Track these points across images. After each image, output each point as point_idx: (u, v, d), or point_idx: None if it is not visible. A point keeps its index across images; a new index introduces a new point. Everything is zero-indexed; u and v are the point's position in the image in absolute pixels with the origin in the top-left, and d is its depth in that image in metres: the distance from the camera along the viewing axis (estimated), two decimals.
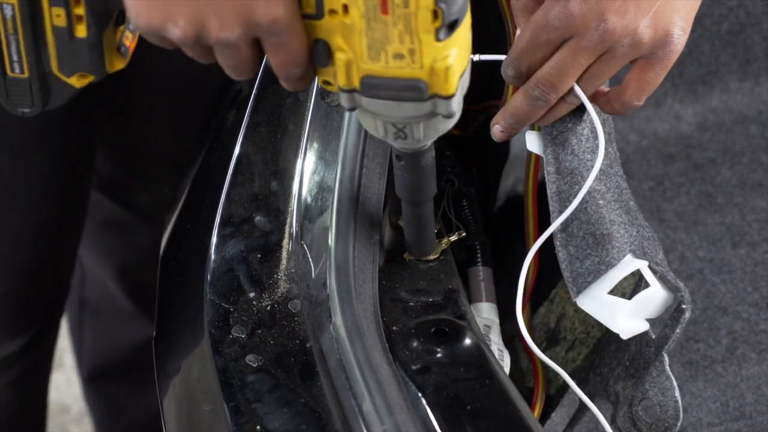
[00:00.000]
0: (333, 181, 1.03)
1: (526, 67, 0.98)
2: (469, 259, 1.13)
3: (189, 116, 1.35)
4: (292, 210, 1.05)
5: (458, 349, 0.97)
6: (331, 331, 0.96)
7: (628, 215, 1.02)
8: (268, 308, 1.01)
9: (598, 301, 0.99)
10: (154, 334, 1.09)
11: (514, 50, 0.98)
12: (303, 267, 1.02)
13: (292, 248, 1.04)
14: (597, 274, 0.98)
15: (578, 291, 0.99)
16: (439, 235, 1.06)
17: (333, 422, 0.93)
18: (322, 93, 1.08)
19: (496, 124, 1.02)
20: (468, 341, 0.97)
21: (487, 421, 0.94)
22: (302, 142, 1.08)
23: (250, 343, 0.98)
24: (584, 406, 1.02)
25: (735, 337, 1.38)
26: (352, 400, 0.92)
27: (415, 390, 0.94)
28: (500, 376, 0.96)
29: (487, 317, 1.09)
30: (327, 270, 0.98)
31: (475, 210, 1.16)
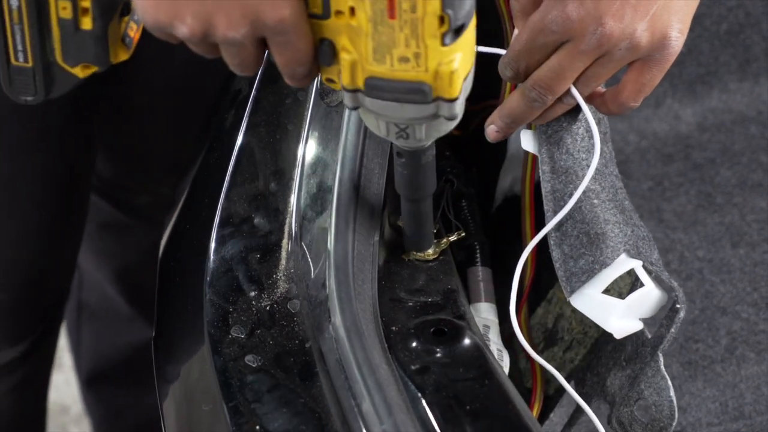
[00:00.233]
0: (332, 181, 1.03)
1: (524, 68, 0.98)
2: (468, 259, 1.13)
3: (189, 116, 1.35)
4: (292, 210, 1.05)
5: (457, 349, 0.97)
6: (331, 331, 0.96)
7: (623, 215, 1.02)
8: (268, 308, 1.01)
9: (591, 301, 0.99)
10: (153, 335, 1.09)
11: (512, 51, 0.98)
12: (302, 267, 1.02)
13: (292, 248, 1.04)
14: (591, 273, 0.98)
15: (572, 290, 0.99)
16: (438, 236, 1.06)
17: (332, 422, 0.93)
18: (321, 93, 1.08)
19: (492, 124, 1.02)
20: (467, 341, 0.97)
21: (487, 421, 0.94)
22: (302, 142, 1.08)
23: (249, 344, 0.98)
24: (581, 407, 1.02)
25: (734, 337, 1.38)
26: (351, 400, 0.92)
27: (414, 390, 0.94)
28: (499, 376, 0.96)
29: (487, 317, 1.09)
30: (326, 270, 0.98)
31: (474, 210, 1.16)
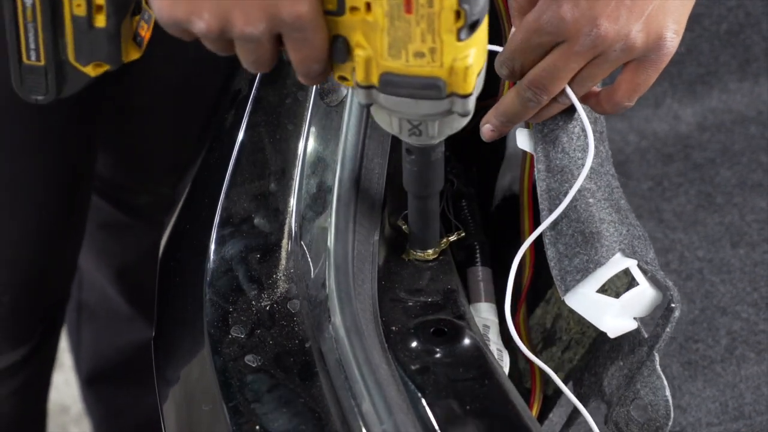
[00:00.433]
0: (332, 181, 1.03)
1: (519, 67, 0.98)
2: (468, 259, 1.13)
3: (189, 116, 1.35)
4: (292, 210, 1.05)
5: (457, 349, 0.97)
6: (331, 331, 0.96)
7: (618, 214, 1.02)
8: (268, 308, 1.01)
9: (586, 300, 0.99)
10: (153, 335, 1.09)
11: (508, 50, 0.98)
12: (302, 267, 1.02)
13: (292, 248, 1.04)
14: (585, 272, 0.98)
15: (566, 289, 0.99)
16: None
17: (332, 422, 0.93)
18: (321, 93, 1.08)
19: (487, 123, 1.02)
20: (467, 341, 0.97)
21: (486, 421, 0.94)
22: (302, 142, 1.08)
23: (249, 343, 0.98)
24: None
25: (734, 337, 1.38)
26: (351, 400, 0.92)
27: (414, 390, 0.94)
28: (499, 376, 0.96)
29: (486, 317, 1.09)
30: (326, 270, 0.98)
31: (474, 210, 1.16)
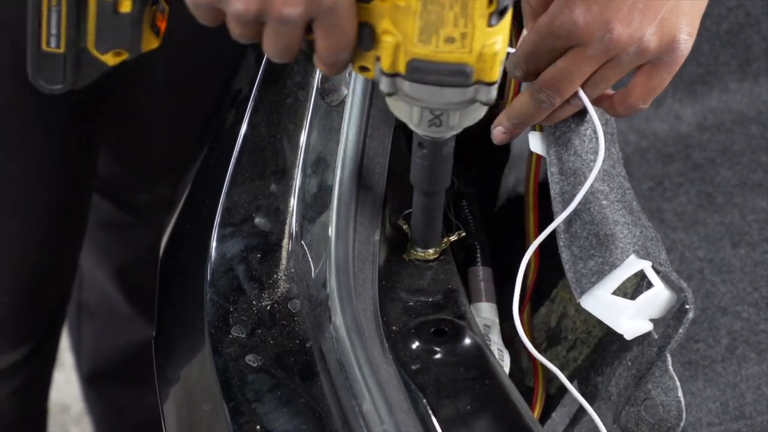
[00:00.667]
0: (333, 181, 1.03)
1: (533, 69, 0.98)
2: (468, 259, 1.13)
3: (189, 116, 1.35)
4: (292, 210, 1.05)
5: (458, 349, 0.97)
6: (331, 331, 0.96)
7: (632, 215, 1.02)
8: (268, 308, 1.01)
9: (601, 302, 0.99)
10: (153, 334, 1.09)
11: (521, 52, 0.97)
12: (303, 267, 1.02)
13: (292, 248, 1.04)
14: (600, 274, 0.98)
15: (582, 292, 0.99)
16: None
17: (333, 422, 0.93)
18: (321, 93, 1.08)
19: (498, 125, 1.02)
20: (468, 341, 0.97)
21: (487, 421, 0.94)
22: (302, 142, 1.08)
23: (249, 343, 0.98)
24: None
25: (735, 337, 1.38)
26: (352, 400, 0.92)
27: (415, 390, 0.94)
28: (500, 376, 0.96)
29: (487, 317, 1.09)
30: (327, 270, 0.98)
31: (474, 210, 1.16)
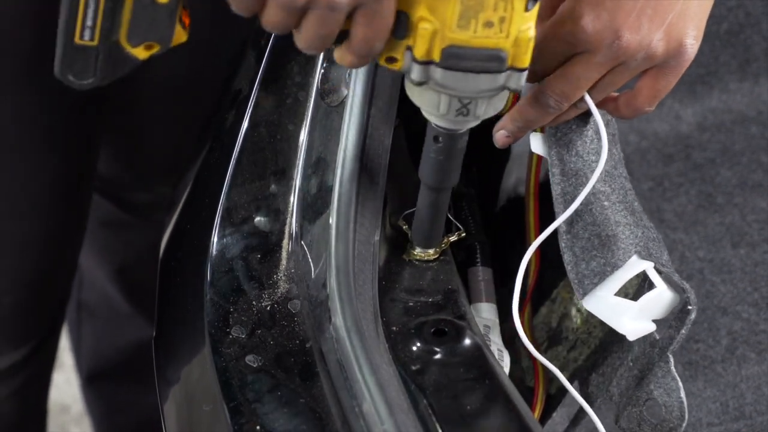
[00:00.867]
0: (333, 181, 1.03)
1: (540, 72, 0.98)
2: (468, 260, 1.13)
3: (189, 116, 1.35)
4: (292, 210, 1.05)
5: (458, 350, 0.97)
6: (331, 331, 0.96)
7: (633, 216, 1.02)
8: (268, 308, 1.01)
9: (604, 303, 0.99)
10: (153, 334, 1.09)
11: None
12: (303, 267, 1.02)
13: (292, 248, 1.04)
14: (603, 275, 0.98)
15: (584, 293, 0.99)
16: None
17: (333, 422, 0.93)
18: (321, 93, 1.08)
19: (502, 129, 1.02)
20: (468, 341, 0.97)
21: (487, 421, 0.94)
22: (302, 142, 1.08)
23: (249, 344, 0.98)
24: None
25: (735, 337, 1.38)
26: (352, 401, 0.92)
27: (414, 390, 0.94)
28: (500, 377, 0.96)
29: (487, 317, 1.09)
30: (327, 270, 0.98)
31: (474, 210, 1.16)
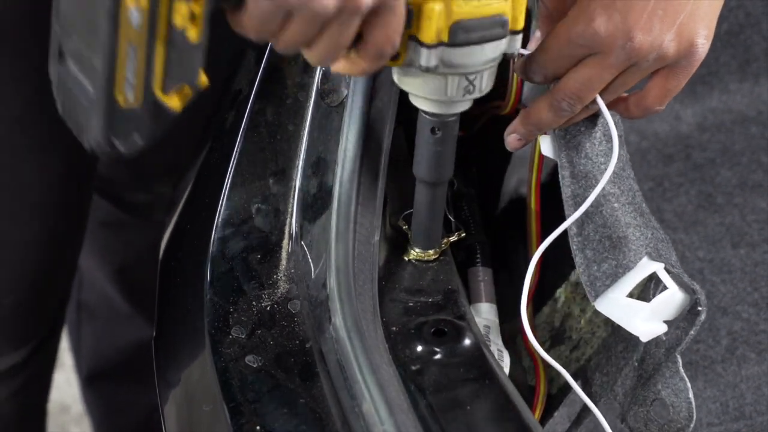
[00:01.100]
0: (333, 182, 1.03)
1: (551, 74, 0.98)
2: (468, 260, 1.13)
3: (190, 116, 1.35)
4: (292, 210, 1.05)
5: (458, 350, 0.97)
6: (331, 331, 0.96)
7: (642, 217, 1.02)
8: (268, 308, 1.01)
9: (616, 305, 0.99)
10: (153, 335, 1.09)
11: (540, 59, 0.97)
12: (303, 267, 1.02)
13: (292, 249, 1.04)
14: (614, 277, 0.98)
15: (596, 295, 0.99)
16: None
17: (333, 423, 0.93)
18: (321, 93, 1.08)
19: (513, 133, 1.02)
20: (468, 341, 0.97)
21: (487, 421, 0.94)
22: (302, 142, 1.08)
23: (249, 344, 0.98)
24: (588, 406, 1.03)
25: (735, 338, 1.38)
26: (351, 401, 0.92)
27: (414, 390, 0.94)
28: (500, 377, 0.96)
29: (487, 317, 1.09)
30: (327, 270, 0.98)
31: (474, 210, 1.16)
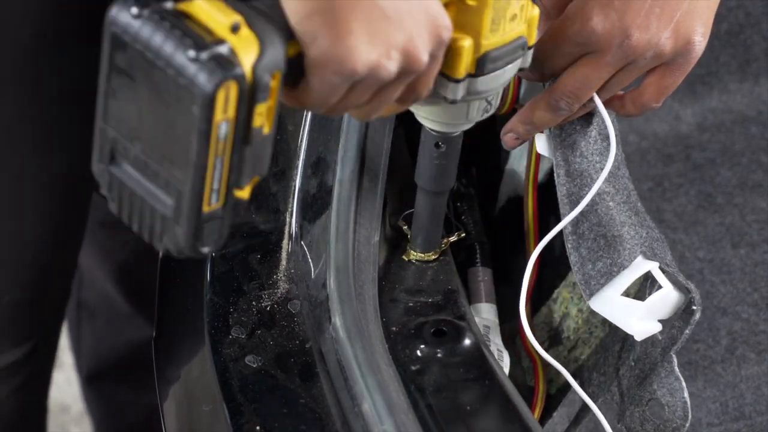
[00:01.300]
0: (333, 182, 1.03)
1: (549, 72, 0.98)
2: (468, 260, 1.13)
3: None
4: (292, 210, 1.05)
5: (458, 350, 0.97)
6: (331, 331, 0.96)
7: (637, 216, 1.02)
8: (268, 309, 1.01)
9: (611, 303, 0.99)
10: (153, 335, 1.09)
11: (537, 57, 0.97)
12: (303, 267, 1.02)
13: (292, 249, 1.04)
14: (609, 276, 0.98)
15: (591, 293, 0.99)
16: None
17: (333, 423, 0.93)
18: None
19: (510, 132, 1.02)
20: (467, 342, 0.97)
21: (487, 421, 0.94)
22: (302, 142, 1.08)
23: (249, 344, 0.98)
24: (587, 405, 1.03)
25: (734, 338, 1.38)
26: (351, 401, 0.92)
27: (414, 390, 0.94)
28: (500, 377, 0.96)
29: (487, 318, 1.09)
30: (327, 270, 0.98)
31: (474, 211, 1.16)
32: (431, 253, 1.05)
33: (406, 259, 1.05)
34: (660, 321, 1.00)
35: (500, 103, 1.06)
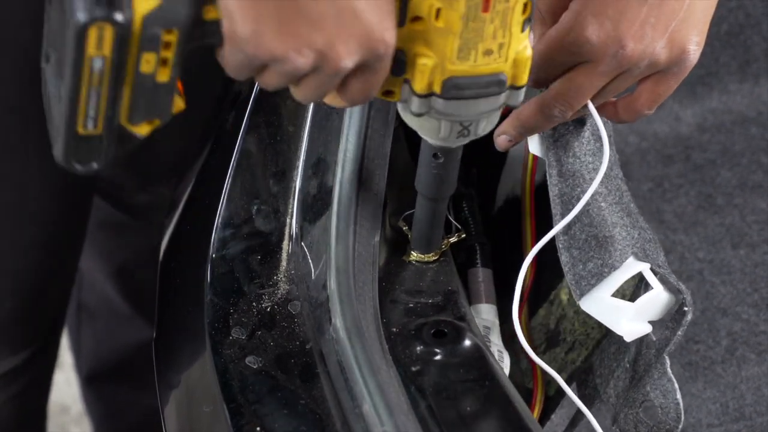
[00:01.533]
0: (333, 183, 1.03)
1: (543, 80, 0.98)
2: (468, 261, 1.13)
3: (189, 118, 1.35)
4: (292, 211, 1.05)
5: (458, 351, 0.97)
6: (331, 332, 0.96)
7: (630, 217, 1.02)
8: (268, 309, 1.01)
9: (601, 304, 0.99)
10: (153, 336, 1.09)
11: (532, 64, 0.97)
12: (303, 268, 1.02)
13: (292, 249, 1.04)
14: (600, 276, 0.98)
15: (581, 294, 0.99)
16: None
17: (333, 424, 0.93)
18: None
19: (503, 134, 1.02)
20: (468, 342, 0.97)
21: (487, 422, 0.94)
22: (302, 143, 1.08)
23: (250, 345, 0.98)
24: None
25: (735, 338, 1.38)
26: (352, 402, 0.92)
27: (414, 391, 0.94)
28: (500, 378, 0.96)
29: (487, 318, 1.09)
30: (327, 271, 0.98)
31: (474, 211, 1.16)
32: (431, 253, 1.05)
33: (407, 259, 1.05)
34: (653, 322, 1.00)
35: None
